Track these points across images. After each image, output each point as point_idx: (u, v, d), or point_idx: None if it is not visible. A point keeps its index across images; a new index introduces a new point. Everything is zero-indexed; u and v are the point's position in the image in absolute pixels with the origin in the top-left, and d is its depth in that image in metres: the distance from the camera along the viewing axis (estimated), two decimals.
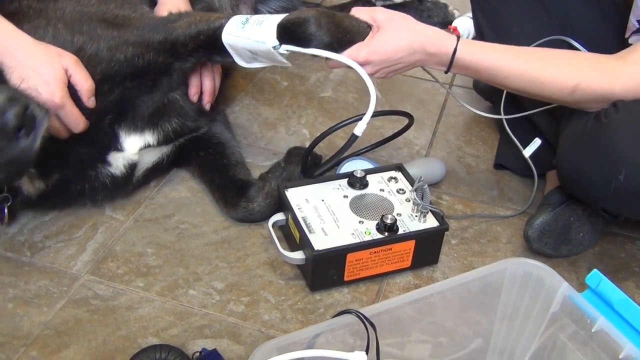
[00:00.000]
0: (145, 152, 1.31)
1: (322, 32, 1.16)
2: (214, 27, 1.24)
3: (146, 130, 1.30)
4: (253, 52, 1.22)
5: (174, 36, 1.24)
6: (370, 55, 1.16)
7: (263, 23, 1.19)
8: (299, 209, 1.21)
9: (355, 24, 1.19)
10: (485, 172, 1.48)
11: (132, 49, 1.22)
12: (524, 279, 1.01)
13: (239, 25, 1.21)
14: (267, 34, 1.17)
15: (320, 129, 1.56)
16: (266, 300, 1.16)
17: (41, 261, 1.20)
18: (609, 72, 1.12)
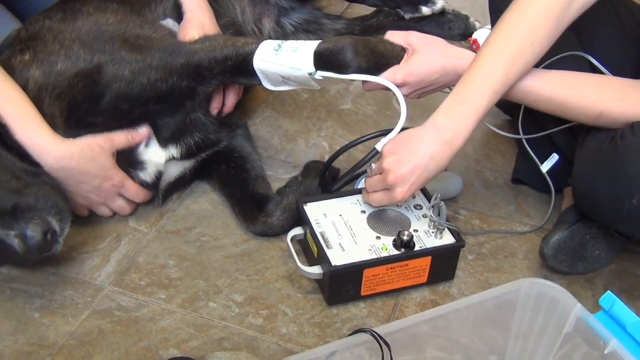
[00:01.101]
0: (170, 164, 1.35)
1: (359, 58, 1.21)
2: (243, 53, 1.26)
3: (169, 145, 1.33)
4: (285, 77, 1.25)
5: (196, 60, 1.27)
6: (407, 78, 1.21)
7: (298, 50, 1.21)
8: (317, 224, 1.23)
9: (390, 47, 1.24)
10: (502, 187, 1.49)
11: (155, 73, 1.25)
12: (538, 299, 1.02)
13: (272, 51, 1.23)
14: (303, 61, 1.20)
15: (339, 142, 1.58)
16: (284, 313, 1.19)
17: (67, 271, 1.24)
18: (634, 103, 1.14)
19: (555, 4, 1.14)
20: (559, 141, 1.38)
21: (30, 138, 1.17)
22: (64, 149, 1.19)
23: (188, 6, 1.43)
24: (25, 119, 1.18)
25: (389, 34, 1.28)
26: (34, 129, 1.18)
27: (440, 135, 1.13)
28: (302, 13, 1.85)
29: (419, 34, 1.26)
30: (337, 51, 1.21)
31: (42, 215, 1.08)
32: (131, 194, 1.30)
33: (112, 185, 1.26)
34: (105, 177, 1.24)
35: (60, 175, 1.20)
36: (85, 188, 1.23)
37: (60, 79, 1.21)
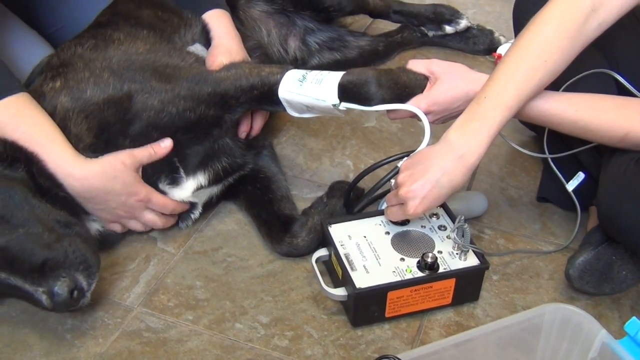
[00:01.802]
0: (197, 193, 1.37)
1: (382, 90, 1.24)
2: (269, 83, 1.28)
3: (197, 172, 1.35)
4: (309, 106, 1.27)
5: (223, 89, 1.29)
6: (431, 106, 1.24)
7: (322, 82, 1.24)
8: (341, 246, 1.25)
9: (413, 77, 1.26)
10: (528, 205, 1.49)
11: (184, 102, 1.27)
12: (563, 325, 1.02)
13: (296, 82, 1.26)
14: (327, 93, 1.23)
15: (364, 160, 1.59)
16: (309, 335, 1.20)
17: (97, 292, 1.26)
18: None
19: (570, 23, 1.14)
20: (585, 160, 1.37)
21: (54, 161, 1.20)
22: (86, 170, 1.21)
23: (216, 32, 1.46)
24: (50, 142, 1.20)
25: (411, 62, 1.30)
26: (58, 152, 1.20)
27: (453, 151, 1.14)
28: (327, 31, 1.86)
29: (440, 62, 1.28)
30: (361, 84, 1.24)
31: (70, 272, 1.10)
32: (159, 207, 1.31)
33: (138, 200, 1.27)
34: (130, 193, 1.26)
35: (86, 196, 1.23)
36: (112, 205, 1.25)
37: (88, 103, 1.25)
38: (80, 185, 1.21)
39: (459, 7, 2.15)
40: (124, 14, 1.50)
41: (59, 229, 1.15)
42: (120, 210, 1.28)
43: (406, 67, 1.30)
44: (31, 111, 1.22)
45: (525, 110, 1.22)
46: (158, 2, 1.55)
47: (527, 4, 1.46)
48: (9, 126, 1.19)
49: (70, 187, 1.21)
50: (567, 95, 1.23)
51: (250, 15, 1.72)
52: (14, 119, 1.20)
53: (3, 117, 1.20)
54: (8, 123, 1.20)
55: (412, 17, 1.95)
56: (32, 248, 1.10)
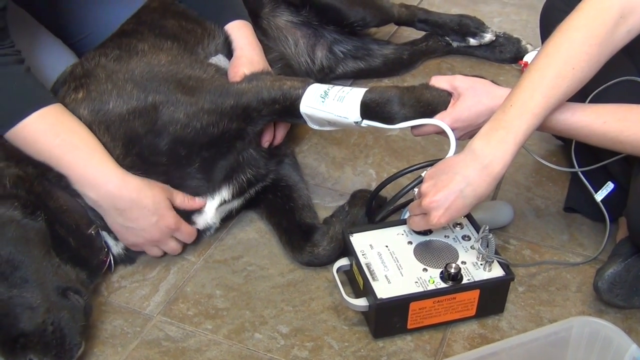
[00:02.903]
0: (220, 209, 1.36)
1: (405, 109, 1.23)
2: (290, 98, 1.28)
3: (223, 187, 1.34)
4: (331, 122, 1.27)
5: (245, 101, 1.28)
6: (454, 123, 1.22)
7: (345, 99, 1.24)
8: (362, 255, 1.23)
9: (436, 94, 1.25)
10: (555, 216, 1.45)
11: (208, 117, 1.26)
12: (591, 339, 0.99)
13: (318, 98, 1.25)
14: (349, 111, 1.23)
15: (386, 169, 1.57)
16: (330, 346, 1.18)
17: (117, 301, 1.26)
18: None
19: (598, 30, 1.11)
20: (614, 169, 1.34)
21: (95, 168, 1.20)
22: (125, 180, 1.22)
23: (238, 43, 1.46)
24: (91, 150, 1.21)
25: (434, 79, 1.28)
26: (100, 160, 1.21)
27: (477, 160, 1.12)
28: (352, 40, 1.86)
29: (464, 78, 1.26)
30: (384, 103, 1.23)
31: (40, 356, 1.05)
32: (185, 236, 1.32)
33: (167, 226, 1.27)
34: (162, 215, 1.25)
35: (119, 207, 1.22)
36: (141, 224, 1.25)
37: (110, 115, 1.25)
38: (119, 192, 1.21)
39: (486, 16, 2.15)
40: (148, 24, 1.50)
41: (55, 297, 1.10)
42: (147, 234, 1.27)
43: (429, 84, 1.29)
44: (68, 120, 1.23)
45: (553, 124, 1.19)
46: (182, 12, 1.55)
47: (555, 11, 1.43)
48: (48, 134, 1.20)
49: (108, 193, 1.21)
50: (595, 106, 1.20)
51: (275, 24, 1.72)
52: (53, 128, 1.20)
53: (42, 125, 1.20)
54: (47, 131, 1.20)
55: (437, 27, 1.93)
56: (15, 316, 1.05)
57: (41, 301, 1.07)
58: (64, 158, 1.21)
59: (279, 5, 1.75)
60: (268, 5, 1.73)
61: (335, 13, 1.76)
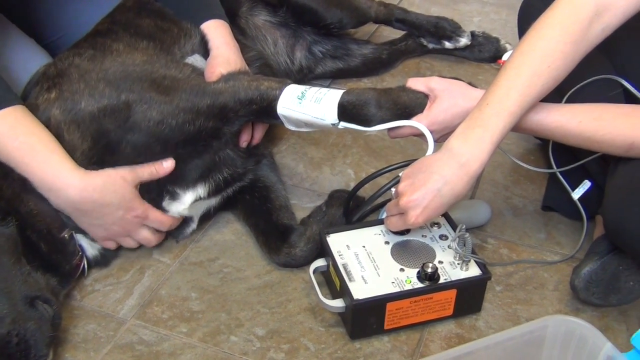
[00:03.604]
0: (195, 205, 1.34)
1: (382, 112, 1.23)
2: (267, 99, 1.27)
3: (198, 185, 1.32)
4: (308, 123, 1.26)
5: (222, 101, 1.27)
6: (431, 125, 1.22)
7: (322, 100, 1.23)
8: (339, 256, 1.22)
9: (413, 97, 1.25)
10: (532, 214, 1.45)
11: (183, 115, 1.24)
12: (566, 337, 0.99)
13: (295, 99, 1.25)
14: (327, 112, 1.23)
15: (365, 169, 1.56)
16: (306, 347, 1.17)
17: (90, 305, 1.24)
18: None
19: (573, 28, 1.12)
20: (590, 168, 1.34)
21: (54, 171, 1.18)
22: (86, 181, 1.19)
23: (214, 42, 1.44)
24: (49, 152, 1.18)
25: (410, 81, 1.28)
26: (59, 162, 1.18)
27: (454, 159, 1.11)
28: (331, 40, 1.85)
29: (440, 79, 1.25)
30: (361, 105, 1.23)
31: None
32: (156, 224, 1.30)
33: (135, 216, 1.25)
34: (128, 208, 1.24)
35: (84, 208, 1.20)
36: (108, 220, 1.23)
37: (82, 114, 1.22)
38: (80, 197, 1.19)
39: (465, 15, 2.15)
40: (123, 23, 1.48)
41: (22, 307, 1.07)
42: (116, 227, 1.25)
43: (405, 86, 1.28)
44: (29, 122, 1.20)
45: (529, 125, 1.19)
46: (158, 11, 1.53)
47: (532, 9, 1.43)
48: (7, 136, 1.17)
49: (69, 199, 1.19)
50: (570, 106, 1.20)
51: (254, 23, 1.71)
52: (12, 130, 1.18)
53: (1, 127, 1.18)
54: (6, 133, 1.18)
55: (413, 28, 1.92)
56: None
57: (7, 311, 1.05)
58: (23, 161, 1.18)
59: (257, 4, 1.73)
60: (246, 4, 1.71)
61: (312, 14, 1.75)
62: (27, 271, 1.13)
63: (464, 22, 1.97)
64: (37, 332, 1.06)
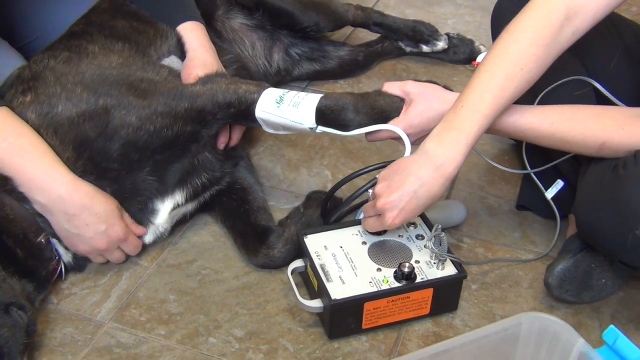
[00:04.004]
0: (173, 213, 1.35)
1: (360, 117, 1.24)
2: (246, 102, 1.27)
3: (176, 191, 1.33)
4: (285, 127, 1.27)
5: (199, 104, 1.27)
6: (407, 129, 1.24)
7: (300, 105, 1.24)
8: (317, 256, 1.22)
9: (389, 101, 1.27)
10: (507, 214, 1.47)
11: (161, 119, 1.24)
12: (540, 334, 1.00)
13: (274, 103, 1.25)
14: (305, 117, 1.24)
15: (342, 170, 1.57)
16: (285, 348, 1.17)
17: (67, 308, 1.24)
18: (636, 130, 1.13)
19: (544, 31, 1.14)
20: (563, 168, 1.36)
21: (44, 172, 1.17)
22: (78, 185, 1.19)
23: (191, 44, 1.44)
24: (40, 154, 1.18)
25: (387, 85, 1.30)
26: (50, 164, 1.18)
27: (430, 161, 1.13)
28: (308, 42, 1.85)
29: (415, 83, 1.27)
30: (338, 110, 1.24)
31: None
32: (131, 248, 1.30)
33: (116, 236, 1.25)
34: (111, 224, 1.23)
35: (70, 212, 1.19)
36: (89, 232, 1.22)
37: (59, 118, 1.22)
38: (69, 198, 1.18)
39: (440, 17, 2.17)
40: (98, 25, 1.47)
41: None
42: (95, 242, 1.24)
43: (382, 90, 1.29)
44: (15, 124, 1.19)
45: (502, 127, 1.21)
46: (133, 13, 1.52)
47: (505, 12, 1.46)
48: None
49: (60, 197, 1.18)
50: (542, 108, 1.22)
51: (230, 26, 1.71)
52: (0, 131, 1.17)
53: None
54: None
55: (391, 32, 1.94)
56: None
57: None
58: (11, 161, 1.17)
59: (233, 7, 1.73)
60: (222, 7, 1.71)
61: (288, 18, 1.76)
62: (2, 277, 1.12)
63: (438, 25, 1.99)
64: (10, 340, 1.05)
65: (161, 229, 1.34)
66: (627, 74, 1.38)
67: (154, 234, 1.34)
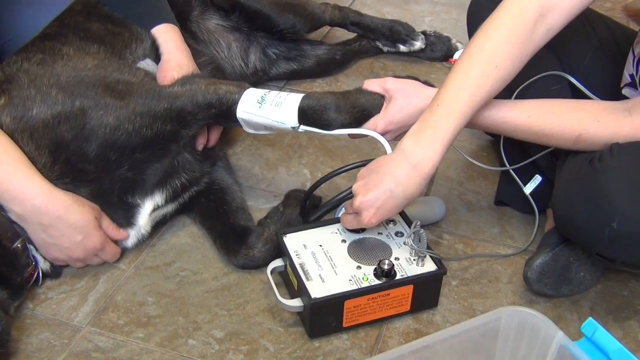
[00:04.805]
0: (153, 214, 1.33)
1: (341, 116, 1.25)
2: (227, 103, 1.27)
3: (156, 192, 1.31)
4: (267, 127, 1.26)
5: (179, 105, 1.26)
6: (388, 126, 1.25)
7: (282, 104, 1.24)
8: (296, 255, 1.22)
9: (370, 98, 1.27)
10: (486, 209, 1.47)
11: (140, 119, 1.23)
12: (520, 328, 1.01)
13: (255, 103, 1.25)
14: (287, 116, 1.24)
15: (321, 169, 1.57)
16: (265, 348, 1.17)
17: (43, 313, 1.22)
18: (612, 122, 1.13)
19: (519, 29, 1.14)
20: (541, 163, 1.37)
21: (19, 182, 1.16)
22: (54, 195, 1.18)
23: (165, 47, 1.43)
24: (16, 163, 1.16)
25: (367, 83, 1.30)
26: (25, 173, 1.16)
27: (407, 160, 1.13)
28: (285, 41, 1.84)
29: (395, 80, 1.27)
30: (320, 110, 1.24)
31: None
32: (108, 257, 1.29)
33: (94, 246, 1.23)
34: (88, 235, 1.22)
35: (45, 222, 1.18)
36: (65, 242, 1.21)
37: (34, 122, 1.20)
38: (45, 208, 1.17)
39: (417, 15, 2.17)
40: (72, 27, 1.45)
41: None
42: (71, 252, 1.22)
43: (362, 88, 1.30)
44: None
45: (479, 120, 1.21)
46: (107, 15, 1.51)
47: (480, 9, 1.46)
48: None
49: (34, 208, 1.16)
50: (519, 102, 1.23)
51: (206, 28, 1.70)
52: None
53: None
54: None
55: (368, 31, 1.94)
56: None
57: None
58: None
59: (209, 8, 1.72)
60: (197, 9, 1.70)
61: (264, 20, 1.75)
62: None
63: (415, 22, 2.00)
64: None
65: (142, 230, 1.33)
66: (601, 68, 1.39)
67: (135, 237, 1.33)
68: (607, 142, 1.14)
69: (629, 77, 1.27)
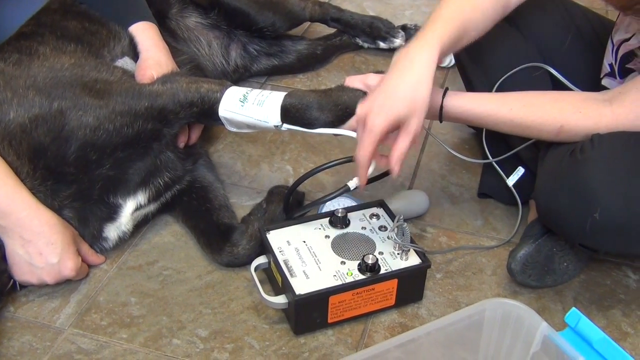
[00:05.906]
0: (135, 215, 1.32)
1: (324, 114, 1.24)
2: (209, 101, 1.25)
3: (139, 191, 1.30)
4: (250, 125, 1.26)
5: (160, 103, 1.25)
6: None
7: (264, 103, 1.23)
8: (280, 252, 1.21)
9: (352, 95, 1.26)
10: (469, 202, 1.48)
11: (121, 118, 1.21)
12: (504, 320, 1.01)
13: (237, 102, 1.24)
14: (270, 115, 1.23)
15: (304, 165, 1.56)
16: (250, 346, 1.16)
17: (24, 316, 1.20)
18: (593, 113, 1.14)
19: None
20: (523, 155, 1.37)
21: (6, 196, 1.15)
22: (40, 212, 1.17)
23: (143, 45, 1.42)
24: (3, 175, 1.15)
25: (349, 79, 1.29)
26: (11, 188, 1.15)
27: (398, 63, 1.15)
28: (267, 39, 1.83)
29: (376, 76, 1.27)
30: (303, 108, 1.23)
31: None
32: (80, 277, 1.27)
33: (68, 271, 1.21)
34: (65, 258, 1.20)
35: (26, 236, 1.16)
36: (40, 263, 1.18)
37: (12, 128, 1.18)
38: (29, 223, 1.16)
39: (397, 8, 2.17)
40: (49, 25, 1.44)
41: None
42: (44, 274, 1.20)
43: (344, 85, 1.29)
44: None
45: (461, 114, 1.22)
46: (84, 13, 1.49)
47: None
48: None
49: (18, 222, 1.15)
50: (501, 95, 1.23)
51: (185, 25, 1.68)
52: None
53: None
54: None
55: (348, 27, 1.93)
56: None
57: None
58: None
59: (187, 6, 1.71)
60: (176, 6, 1.69)
61: (244, 18, 1.74)
62: None
63: (396, 16, 2.00)
64: None
65: (124, 228, 1.31)
66: (580, 57, 1.40)
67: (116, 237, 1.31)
68: (588, 132, 1.14)
69: (608, 67, 1.27)
